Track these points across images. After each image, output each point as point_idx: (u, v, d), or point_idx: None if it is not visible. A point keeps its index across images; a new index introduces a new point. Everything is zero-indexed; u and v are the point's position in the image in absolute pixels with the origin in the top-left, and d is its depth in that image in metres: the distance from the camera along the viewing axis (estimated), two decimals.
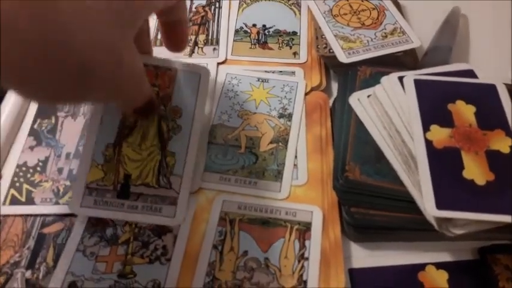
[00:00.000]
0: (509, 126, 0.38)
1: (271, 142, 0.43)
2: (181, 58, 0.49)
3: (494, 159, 0.36)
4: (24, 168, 0.40)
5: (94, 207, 0.35)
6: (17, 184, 0.39)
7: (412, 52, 0.49)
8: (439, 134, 0.38)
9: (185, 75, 0.39)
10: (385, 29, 0.50)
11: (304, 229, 0.37)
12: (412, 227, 0.37)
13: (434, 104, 0.39)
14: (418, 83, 0.41)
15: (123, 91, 0.32)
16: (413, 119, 0.38)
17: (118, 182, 0.36)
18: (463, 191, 0.35)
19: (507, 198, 0.34)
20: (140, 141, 0.37)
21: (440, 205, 0.34)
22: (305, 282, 0.34)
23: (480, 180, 0.35)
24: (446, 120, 0.38)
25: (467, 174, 0.36)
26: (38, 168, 0.40)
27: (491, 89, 0.42)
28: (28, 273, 0.35)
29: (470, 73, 0.43)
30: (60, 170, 0.40)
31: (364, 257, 0.38)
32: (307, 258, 0.35)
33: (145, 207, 0.36)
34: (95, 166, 0.36)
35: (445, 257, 0.38)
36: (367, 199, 0.38)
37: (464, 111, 0.39)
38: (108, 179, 0.36)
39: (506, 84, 0.43)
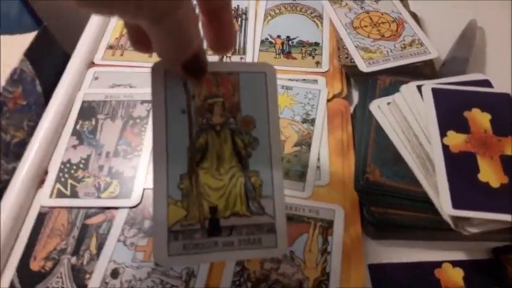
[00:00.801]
0: None
1: (295, 145, 0.46)
2: None
3: (508, 163, 0.38)
4: (68, 165, 0.44)
5: (184, 253, 0.29)
6: (62, 179, 0.42)
7: (430, 62, 0.52)
8: (456, 139, 0.40)
9: (249, 77, 0.33)
10: (404, 40, 0.53)
11: (327, 226, 0.39)
12: (428, 225, 0.39)
13: (451, 111, 0.42)
14: (435, 91, 0.43)
15: (176, 27, 0.27)
16: (430, 125, 0.40)
17: (204, 217, 0.30)
18: (479, 193, 0.37)
19: None
20: (217, 165, 0.31)
21: (456, 205, 0.36)
22: (328, 274, 0.37)
23: (495, 183, 0.37)
24: (462, 126, 0.41)
25: (482, 177, 0.38)
26: (81, 165, 0.43)
27: (506, 97, 0.44)
28: (73, 259, 0.38)
29: (486, 83, 0.45)
30: (101, 167, 0.43)
31: (383, 253, 0.41)
32: (329, 253, 0.38)
33: (243, 241, 0.30)
34: (173, 204, 0.29)
35: (461, 256, 0.40)
36: (386, 199, 0.40)
37: (480, 119, 0.42)
38: (192, 216, 0.30)
39: None
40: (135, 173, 0.43)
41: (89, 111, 0.47)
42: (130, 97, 0.49)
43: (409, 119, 0.42)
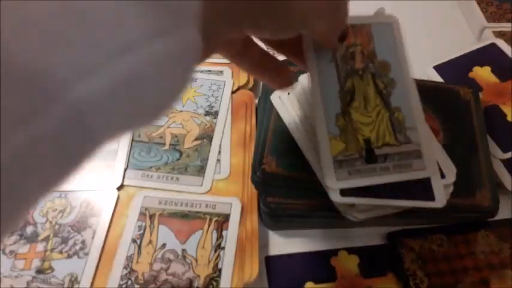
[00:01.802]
0: None
1: (196, 139, 0.45)
2: None
3: None
4: None
5: (349, 178, 0.34)
6: None
7: None
8: None
9: (379, 28, 0.38)
10: None
11: (223, 220, 0.39)
12: (323, 214, 0.39)
13: None
14: None
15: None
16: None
17: (361, 148, 0.35)
18: None
19: (406, 184, 0.37)
20: (364, 104, 0.36)
21: (344, 192, 0.36)
22: (220, 270, 0.36)
23: None
24: None
25: None
26: None
27: None
28: None
29: None
30: None
31: (281, 244, 0.40)
32: (223, 248, 0.37)
33: (396, 166, 0.34)
34: (334, 139, 0.35)
35: (357, 243, 0.41)
36: (283, 190, 0.40)
37: None
38: (350, 148, 0.35)
39: (417, 80, 0.45)
40: None
41: None
42: None
43: (305, 109, 0.42)
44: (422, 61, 0.53)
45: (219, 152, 0.44)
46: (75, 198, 0.39)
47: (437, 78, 0.51)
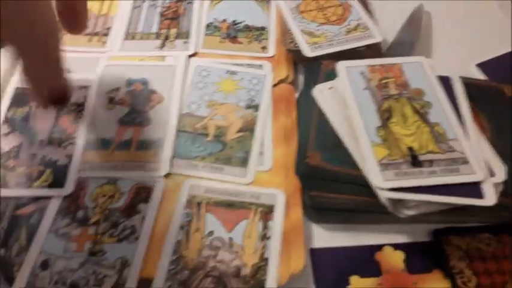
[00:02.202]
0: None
1: (238, 131, 0.45)
2: (151, 51, 0.51)
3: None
4: None
5: (397, 178, 0.36)
6: None
7: (375, 46, 0.52)
8: None
9: (409, 64, 0.45)
10: (349, 24, 0.53)
11: (267, 211, 0.39)
12: (368, 209, 0.39)
13: None
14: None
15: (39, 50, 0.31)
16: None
17: (405, 154, 0.38)
18: None
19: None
20: (403, 120, 0.40)
21: (391, 189, 0.36)
22: (266, 259, 0.36)
23: None
24: None
25: None
26: (13, 154, 0.41)
27: (447, 81, 0.44)
28: (2, 251, 0.36)
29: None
30: (33, 156, 0.41)
31: (325, 237, 0.41)
32: (269, 238, 0.37)
33: (444, 170, 0.37)
34: (377, 145, 0.38)
35: (402, 239, 0.40)
36: (327, 183, 0.40)
37: None
38: (394, 153, 0.38)
39: (462, 77, 0.45)
40: (69, 161, 0.41)
41: (22, 97, 0.45)
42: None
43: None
44: (464, 59, 0.53)
45: (261, 144, 0.44)
46: (124, 185, 0.40)
47: (480, 75, 0.51)
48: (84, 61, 0.49)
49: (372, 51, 0.51)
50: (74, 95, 0.46)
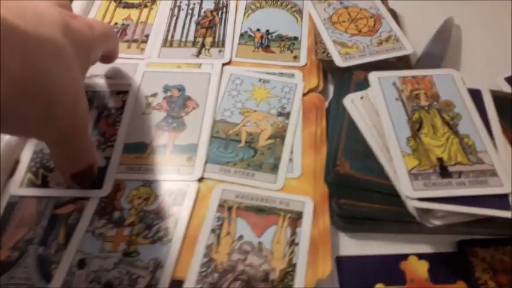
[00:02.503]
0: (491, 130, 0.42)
1: (269, 138, 0.46)
2: (187, 59, 0.53)
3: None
4: (40, 155, 0.44)
5: (426, 189, 0.37)
6: (34, 169, 0.43)
7: (405, 58, 0.52)
8: None
9: (440, 76, 0.46)
10: (381, 36, 0.53)
11: (296, 217, 0.40)
12: (395, 218, 0.40)
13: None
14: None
15: (74, 132, 0.37)
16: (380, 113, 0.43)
17: (434, 165, 0.39)
18: None
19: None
20: (433, 131, 0.41)
21: (421, 198, 0.37)
22: (294, 265, 0.37)
23: None
24: None
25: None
26: None
27: (476, 94, 0.45)
28: (41, 249, 0.38)
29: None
30: None
31: (351, 246, 0.41)
32: (297, 244, 0.38)
33: (472, 182, 0.37)
34: (407, 156, 0.39)
35: (427, 249, 0.41)
36: (355, 192, 0.40)
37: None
38: (424, 164, 0.39)
39: (492, 91, 0.46)
40: (107, 164, 0.43)
41: None
42: (104, 87, 0.49)
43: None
44: (493, 72, 0.53)
45: (291, 151, 0.45)
46: (159, 187, 0.41)
47: (508, 89, 0.51)
48: (123, 67, 0.51)
49: (402, 63, 0.52)
50: (113, 100, 0.48)
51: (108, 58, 0.47)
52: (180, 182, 0.42)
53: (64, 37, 0.33)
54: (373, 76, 0.45)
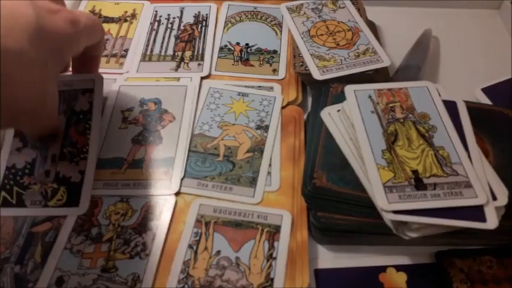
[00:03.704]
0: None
1: (247, 151, 0.46)
2: (166, 73, 0.53)
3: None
4: (13, 171, 0.43)
5: (401, 201, 0.37)
6: (8, 187, 0.42)
7: (383, 71, 0.53)
8: None
9: (415, 89, 0.46)
10: (358, 48, 0.54)
11: (274, 231, 0.40)
12: (373, 231, 0.40)
13: None
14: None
15: (40, 121, 0.39)
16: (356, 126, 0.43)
17: (409, 177, 0.39)
18: None
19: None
20: (408, 143, 0.41)
21: (396, 211, 0.37)
22: (272, 279, 0.37)
23: None
24: None
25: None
26: (26, 171, 0.43)
27: (452, 105, 0.45)
28: (17, 268, 0.37)
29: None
30: (47, 173, 0.43)
31: (330, 258, 0.41)
32: (275, 258, 0.38)
33: (447, 194, 0.37)
34: (382, 168, 0.39)
35: (405, 260, 0.41)
36: (333, 204, 0.41)
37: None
38: (399, 176, 0.39)
39: (468, 102, 0.46)
40: (82, 179, 0.42)
41: None
42: (70, 86, 0.47)
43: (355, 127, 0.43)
44: (470, 83, 0.54)
45: (270, 165, 0.45)
46: (136, 203, 0.41)
47: (485, 100, 0.52)
48: None
49: (380, 75, 0.52)
50: (80, 103, 0.46)
51: (91, 58, 0.46)
52: (157, 196, 0.42)
53: (31, 44, 0.33)
54: (349, 89, 0.46)
